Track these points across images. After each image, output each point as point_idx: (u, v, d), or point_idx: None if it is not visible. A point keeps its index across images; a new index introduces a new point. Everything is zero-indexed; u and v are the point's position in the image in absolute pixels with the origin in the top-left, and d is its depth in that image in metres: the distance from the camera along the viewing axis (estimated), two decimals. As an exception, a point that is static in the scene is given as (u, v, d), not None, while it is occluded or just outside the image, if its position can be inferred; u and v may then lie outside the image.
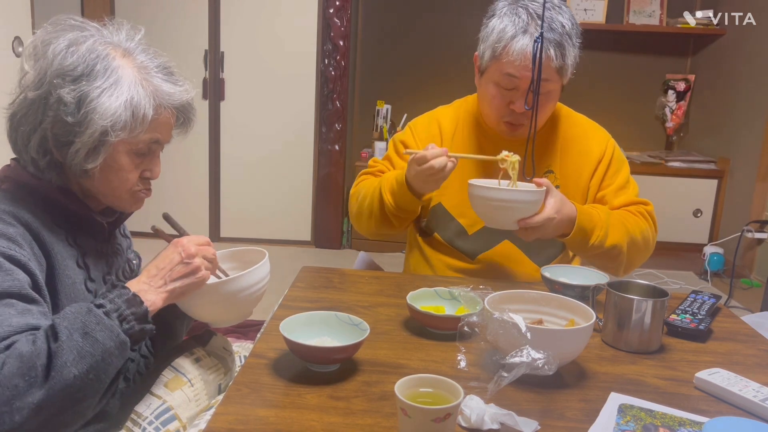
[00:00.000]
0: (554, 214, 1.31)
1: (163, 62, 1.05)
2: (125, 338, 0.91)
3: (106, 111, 0.96)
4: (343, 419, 0.87)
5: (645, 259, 1.52)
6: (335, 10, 3.74)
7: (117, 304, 0.92)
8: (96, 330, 0.88)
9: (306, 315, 1.06)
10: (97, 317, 0.89)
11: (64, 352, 0.85)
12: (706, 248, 3.75)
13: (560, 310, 1.10)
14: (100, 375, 0.88)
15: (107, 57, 0.99)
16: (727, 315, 1.34)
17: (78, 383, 0.85)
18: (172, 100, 1.04)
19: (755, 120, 3.57)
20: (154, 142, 1.05)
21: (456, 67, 4.13)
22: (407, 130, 1.62)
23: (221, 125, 3.88)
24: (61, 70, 0.96)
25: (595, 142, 1.54)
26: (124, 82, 0.98)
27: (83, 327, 0.87)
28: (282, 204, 3.98)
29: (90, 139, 0.97)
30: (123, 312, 0.92)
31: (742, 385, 0.98)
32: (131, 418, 0.99)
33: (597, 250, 1.40)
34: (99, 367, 0.88)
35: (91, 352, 0.87)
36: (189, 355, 1.07)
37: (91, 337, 0.87)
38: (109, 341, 0.89)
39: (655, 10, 4.08)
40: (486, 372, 1.01)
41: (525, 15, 1.37)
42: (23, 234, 0.96)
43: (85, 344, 0.87)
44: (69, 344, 0.86)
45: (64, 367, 0.84)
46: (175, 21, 3.74)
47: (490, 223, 1.37)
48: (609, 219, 1.42)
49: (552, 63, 1.36)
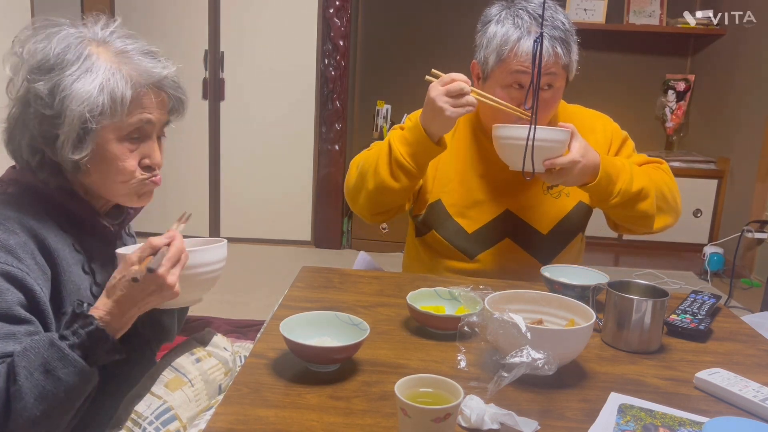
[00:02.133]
0: (580, 158, 1.31)
1: (142, 45, 1.04)
2: (90, 370, 0.89)
3: (80, 96, 0.95)
4: (343, 419, 0.87)
5: (674, 216, 1.50)
6: (335, 10, 3.74)
7: (81, 339, 0.89)
8: (58, 367, 0.86)
9: (306, 315, 1.06)
10: (59, 352, 0.86)
11: (23, 394, 0.83)
12: (706, 248, 3.75)
13: (560, 310, 1.10)
14: (66, 408, 0.88)
15: (80, 45, 0.98)
16: (727, 315, 1.34)
17: (42, 421, 0.85)
18: (151, 77, 1.01)
19: (755, 120, 3.57)
20: (146, 122, 1.02)
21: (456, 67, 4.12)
22: (408, 121, 1.61)
23: (221, 125, 3.88)
24: (35, 66, 0.96)
25: (600, 132, 1.55)
26: (98, 68, 0.97)
27: (44, 364, 0.85)
28: (282, 204, 3.98)
29: (72, 129, 0.96)
30: (86, 345, 0.89)
31: (742, 385, 0.98)
32: (131, 418, 0.98)
33: (624, 197, 1.38)
34: (63, 403, 0.87)
35: (53, 391, 0.85)
36: (189, 355, 1.07)
37: (53, 376, 0.85)
38: (73, 377, 0.87)
39: (655, 10, 4.08)
40: (486, 372, 1.01)
41: (526, 16, 1.37)
42: (25, 243, 0.95)
43: (47, 383, 0.85)
44: (28, 385, 0.84)
45: (24, 410, 0.84)
46: (175, 21, 3.74)
47: (515, 165, 1.34)
48: (633, 167, 1.42)
49: (560, 60, 1.37)
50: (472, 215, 1.53)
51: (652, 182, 1.43)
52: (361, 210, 1.51)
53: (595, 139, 1.54)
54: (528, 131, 1.25)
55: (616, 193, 1.38)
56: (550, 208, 1.51)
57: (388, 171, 1.40)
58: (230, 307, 2.95)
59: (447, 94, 1.29)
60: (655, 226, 1.47)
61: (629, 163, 1.43)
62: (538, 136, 1.26)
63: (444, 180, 1.52)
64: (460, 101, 1.29)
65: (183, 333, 1.25)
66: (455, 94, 1.29)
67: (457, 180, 1.53)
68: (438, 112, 1.30)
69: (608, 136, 1.55)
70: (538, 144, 1.26)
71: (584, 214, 1.57)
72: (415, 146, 1.37)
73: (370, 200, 1.45)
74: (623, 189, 1.37)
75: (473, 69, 1.49)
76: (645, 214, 1.43)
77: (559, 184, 1.37)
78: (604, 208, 1.47)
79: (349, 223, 4.05)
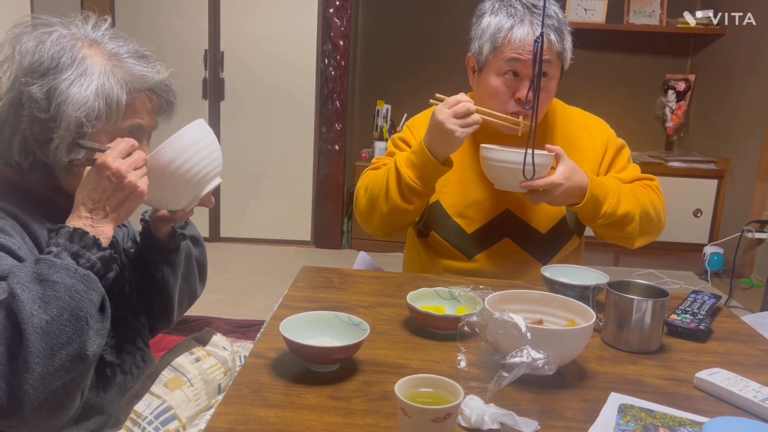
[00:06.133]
0: (562, 180, 1.33)
1: (134, 47, 1.04)
2: (85, 272, 0.88)
3: (77, 101, 0.95)
4: (343, 419, 0.87)
5: (657, 234, 1.54)
6: (335, 10, 3.74)
7: (63, 245, 0.89)
8: (50, 273, 0.85)
9: (306, 315, 1.06)
10: (47, 262, 0.86)
11: (25, 303, 0.82)
12: (706, 248, 3.75)
13: (560, 310, 1.10)
14: (76, 312, 0.85)
15: (73, 48, 0.98)
16: (727, 315, 1.33)
17: (54, 328, 0.83)
18: (145, 81, 1.02)
19: (755, 120, 3.57)
20: (137, 128, 1.03)
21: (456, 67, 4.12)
22: (406, 129, 1.62)
23: (221, 125, 3.88)
24: (29, 68, 0.96)
25: (597, 136, 1.56)
26: (93, 71, 0.97)
27: (36, 276, 0.85)
28: (282, 204, 3.98)
29: (67, 133, 0.96)
30: (71, 249, 0.89)
31: (742, 385, 0.98)
32: (131, 418, 0.98)
33: (609, 219, 1.41)
34: (70, 305, 0.85)
35: (54, 295, 0.84)
36: (189, 355, 1.07)
37: (49, 281, 0.84)
38: (69, 278, 0.86)
39: (655, 10, 4.08)
40: (486, 372, 1.01)
41: (520, 6, 1.40)
42: (13, 225, 0.96)
43: (45, 290, 0.84)
44: (27, 295, 0.83)
45: (33, 316, 0.82)
46: (175, 21, 3.74)
47: (499, 185, 1.41)
48: (620, 188, 1.44)
49: (553, 47, 1.39)
50: (471, 215, 1.53)
51: (639, 204, 1.46)
52: (376, 230, 1.55)
53: (591, 143, 1.55)
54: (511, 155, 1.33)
55: (602, 215, 1.41)
56: (549, 208, 1.51)
57: (400, 195, 1.44)
58: (230, 307, 2.95)
59: (455, 116, 1.33)
60: (636, 245, 1.52)
61: (617, 185, 1.44)
62: (518, 160, 1.31)
63: (442, 181, 1.52)
64: (467, 121, 1.34)
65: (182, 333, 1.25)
66: (462, 115, 1.33)
67: (455, 181, 1.53)
68: (448, 134, 1.34)
69: (604, 141, 1.56)
70: (517, 167, 1.32)
71: (583, 214, 1.57)
72: (422, 169, 1.41)
73: (385, 222, 1.50)
74: (608, 212, 1.41)
75: (468, 62, 1.50)
76: (628, 235, 1.47)
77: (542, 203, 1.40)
78: (590, 226, 1.50)
79: (349, 223, 4.05)
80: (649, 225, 1.49)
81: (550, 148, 1.37)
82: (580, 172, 1.38)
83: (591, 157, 1.54)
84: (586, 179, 1.38)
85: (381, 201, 1.47)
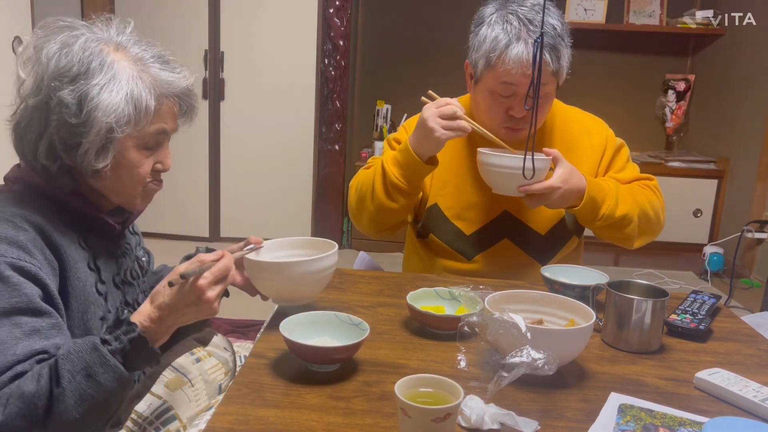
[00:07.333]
0: (559, 184, 1.33)
1: (158, 52, 1.05)
2: (129, 376, 0.91)
3: (108, 107, 0.96)
4: (343, 419, 0.87)
5: (656, 234, 1.54)
6: (335, 10, 3.73)
7: (123, 343, 0.90)
8: (99, 373, 0.88)
9: (306, 315, 1.06)
10: (101, 357, 0.88)
11: (65, 397, 0.85)
12: (706, 248, 3.75)
13: (560, 310, 1.10)
14: (102, 413, 0.90)
15: (101, 53, 0.98)
16: (727, 315, 1.34)
17: (78, 424, 0.87)
18: (172, 88, 1.03)
19: (755, 120, 3.57)
20: (161, 132, 1.05)
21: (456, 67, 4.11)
22: (401, 129, 1.62)
23: (221, 125, 3.88)
24: (57, 72, 0.96)
25: (596, 136, 1.56)
26: (121, 76, 0.98)
27: (86, 368, 0.87)
28: (282, 204, 3.98)
29: (97, 138, 0.97)
30: (126, 349, 0.90)
31: (742, 385, 0.98)
32: (131, 418, 0.99)
33: (608, 221, 1.42)
34: (101, 407, 0.89)
35: (93, 395, 0.87)
36: (189, 355, 1.07)
37: (94, 380, 0.87)
38: (113, 382, 0.89)
39: (655, 10, 4.08)
40: (486, 372, 1.01)
41: (516, 21, 1.36)
42: (34, 239, 0.95)
43: (87, 387, 0.87)
44: (71, 388, 0.86)
45: (65, 412, 0.85)
46: (175, 21, 3.74)
47: (497, 189, 1.41)
48: (619, 189, 1.44)
49: (549, 67, 1.36)
50: (469, 217, 1.53)
51: (637, 205, 1.46)
52: (366, 229, 1.56)
53: (590, 143, 1.54)
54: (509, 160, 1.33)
55: (600, 217, 1.41)
56: (548, 210, 1.51)
57: (385, 193, 1.44)
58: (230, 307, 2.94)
59: (440, 116, 1.33)
60: (635, 245, 1.52)
61: (616, 187, 1.44)
62: (515, 164, 1.31)
63: (439, 184, 1.52)
64: (451, 124, 1.33)
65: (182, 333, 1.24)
66: (447, 117, 1.33)
67: (452, 183, 1.53)
68: (429, 132, 1.34)
69: (603, 141, 1.55)
70: (513, 172, 1.32)
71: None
72: (406, 167, 1.41)
73: (373, 220, 1.51)
74: (607, 214, 1.41)
75: (467, 68, 1.50)
76: (627, 236, 1.47)
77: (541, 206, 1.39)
78: (589, 227, 1.50)
79: (349, 223, 4.05)
80: (647, 225, 1.49)
81: (547, 151, 1.36)
82: (577, 174, 1.38)
83: (590, 157, 1.53)
84: (584, 182, 1.38)
85: (368, 199, 1.47)
